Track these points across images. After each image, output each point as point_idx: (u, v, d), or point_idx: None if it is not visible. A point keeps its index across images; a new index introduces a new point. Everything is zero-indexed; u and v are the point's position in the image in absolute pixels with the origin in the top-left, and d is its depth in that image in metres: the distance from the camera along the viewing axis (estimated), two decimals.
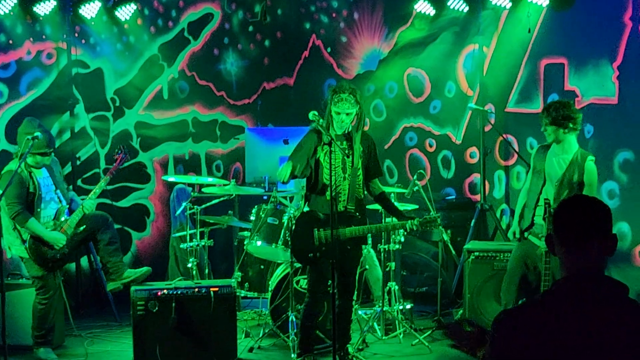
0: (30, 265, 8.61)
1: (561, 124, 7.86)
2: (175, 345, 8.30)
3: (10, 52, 10.98)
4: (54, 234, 8.53)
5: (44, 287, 8.64)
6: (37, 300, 8.70)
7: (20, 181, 8.33)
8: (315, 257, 7.76)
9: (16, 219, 8.34)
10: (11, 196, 8.28)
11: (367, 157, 7.87)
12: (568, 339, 3.18)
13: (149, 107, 12.15)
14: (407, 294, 10.76)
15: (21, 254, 8.60)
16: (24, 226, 8.35)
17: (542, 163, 8.08)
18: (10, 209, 8.31)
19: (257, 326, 9.72)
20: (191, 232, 9.85)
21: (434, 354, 8.75)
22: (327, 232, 7.66)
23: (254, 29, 12.33)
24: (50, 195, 8.66)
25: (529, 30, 10.49)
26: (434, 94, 11.64)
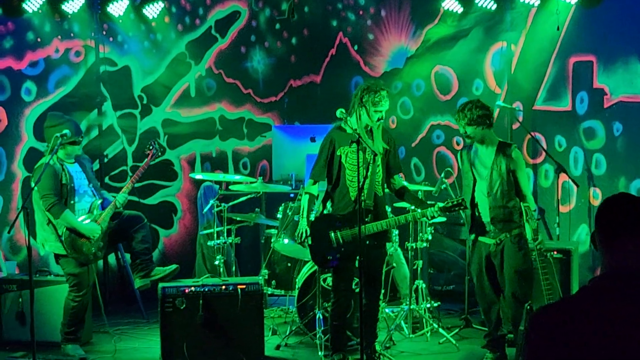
0: (65, 262, 8.64)
1: (481, 123, 7.87)
2: (203, 342, 8.31)
3: (38, 50, 11.03)
4: (89, 224, 8.57)
5: (78, 284, 8.66)
6: (70, 297, 8.72)
7: (53, 173, 8.38)
8: (335, 258, 7.76)
9: (51, 210, 8.37)
10: (46, 188, 8.33)
11: (388, 154, 7.85)
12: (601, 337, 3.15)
13: (176, 105, 12.18)
14: (434, 292, 10.74)
15: (56, 250, 8.63)
16: (60, 218, 8.38)
17: (468, 164, 8.08)
18: (45, 201, 8.36)
19: (284, 324, 9.72)
20: (218, 230, 9.86)
21: (461, 352, 8.73)
22: (344, 232, 7.70)
23: (281, 26, 12.32)
24: (83, 188, 8.70)
25: (557, 28, 10.45)
26: (461, 91, 11.58)
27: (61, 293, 8.94)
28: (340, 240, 7.72)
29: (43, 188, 8.34)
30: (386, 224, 7.70)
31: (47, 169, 8.30)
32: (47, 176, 8.32)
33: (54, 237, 8.53)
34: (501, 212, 7.80)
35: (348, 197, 7.77)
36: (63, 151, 8.53)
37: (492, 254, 7.90)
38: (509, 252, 7.80)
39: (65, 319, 8.76)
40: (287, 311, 10.12)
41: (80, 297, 8.69)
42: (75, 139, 8.56)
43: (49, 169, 8.34)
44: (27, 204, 7.71)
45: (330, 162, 7.86)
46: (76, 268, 8.61)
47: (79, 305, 8.70)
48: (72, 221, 8.46)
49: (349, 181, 7.74)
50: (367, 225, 7.62)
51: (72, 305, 8.70)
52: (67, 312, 8.74)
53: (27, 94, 10.93)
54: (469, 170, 8.04)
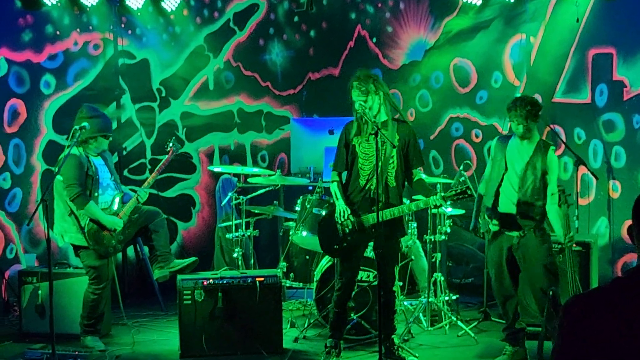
0: (85, 254, 8.68)
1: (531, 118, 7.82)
2: (221, 334, 8.35)
3: (57, 43, 11.05)
4: (112, 217, 8.64)
5: (98, 277, 8.69)
6: (89, 290, 8.75)
7: (78, 163, 8.44)
8: (342, 247, 7.80)
9: (75, 201, 8.41)
10: (71, 178, 8.39)
11: (404, 146, 7.79)
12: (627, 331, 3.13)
13: (195, 98, 12.20)
14: (453, 285, 10.72)
15: (76, 242, 8.66)
16: (84, 208, 8.43)
17: (503, 153, 8.02)
18: (69, 191, 8.40)
19: (302, 316, 9.73)
20: (237, 223, 9.87)
21: (479, 345, 8.71)
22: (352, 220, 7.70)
23: (300, 19, 12.32)
24: (106, 181, 8.76)
25: (577, 19, 10.40)
26: (480, 84, 11.55)
27: (80, 285, 8.97)
28: (346, 230, 7.73)
29: (68, 178, 8.39)
30: (390, 213, 7.62)
31: (73, 159, 8.39)
32: (72, 166, 8.39)
33: (75, 229, 8.56)
34: (528, 209, 7.76)
35: (358, 185, 7.78)
36: (95, 143, 8.61)
37: (514, 246, 7.88)
38: (533, 245, 7.77)
39: (84, 312, 8.79)
40: (306, 304, 10.12)
41: (100, 290, 8.72)
42: (104, 134, 8.67)
43: (75, 159, 8.41)
44: (46, 195, 7.72)
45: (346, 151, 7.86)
46: (96, 260, 8.65)
47: (98, 298, 8.73)
48: (96, 213, 8.51)
49: (361, 169, 7.74)
50: (370, 215, 7.65)
51: (92, 298, 8.73)
52: (86, 304, 8.78)
53: (46, 87, 10.95)
54: (502, 160, 8.00)
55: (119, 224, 8.67)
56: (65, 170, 8.37)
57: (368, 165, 7.69)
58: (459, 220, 11.02)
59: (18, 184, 10.65)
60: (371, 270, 8.60)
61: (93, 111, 8.73)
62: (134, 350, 8.75)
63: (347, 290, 7.95)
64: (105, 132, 8.70)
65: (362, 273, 8.55)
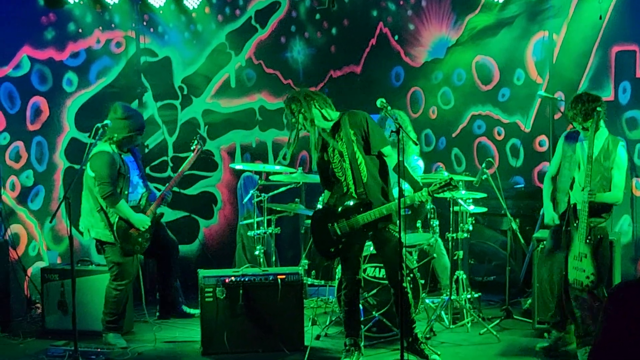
0: (110, 251, 8.72)
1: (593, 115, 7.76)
2: (242, 332, 8.36)
3: (80, 40, 11.09)
4: (140, 216, 8.69)
5: (120, 273, 8.73)
6: (112, 286, 8.78)
7: (111, 161, 8.49)
8: (338, 249, 7.83)
9: (107, 199, 8.47)
10: (104, 176, 8.44)
11: (363, 135, 7.75)
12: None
13: (217, 96, 12.23)
14: (475, 282, 10.68)
15: (102, 238, 8.70)
16: (115, 207, 8.47)
17: (573, 149, 7.98)
18: (101, 189, 8.45)
19: (324, 314, 9.72)
20: (258, 220, 9.88)
21: (502, 343, 8.67)
22: (341, 224, 7.75)
23: (321, 16, 12.30)
24: (136, 179, 8.81)
25: (600, 17, 10.34)
26: (502, 81, 11.50)
27: (103, 282, 9.00)
28: (338, 232, 7.76)
29: (100, 176, 8.45)
30: (378, 212, 7.64)
31: (106, 156, 8.48)
32: (105, 164, 8.46)
33: (102, 225, 8.60)
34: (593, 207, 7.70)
35: (341, 191, 7.84)
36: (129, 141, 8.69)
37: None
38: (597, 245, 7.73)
39: (106, 308, 8.82)
40: (327, 301, 10.12)
41: (122, 287, 8.75)
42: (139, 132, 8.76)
43: (107, 157, 8.48)
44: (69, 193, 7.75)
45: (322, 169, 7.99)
46: (121, 257, 8.68)
47: (120, 294, 8.76)
48: (126, 211, 8.56)
49: (338, 175, 7.83)
50: (360, 216, 7.68)
51: (114, 294, 8.76)
52: (108, 301, 8.81)
53: (68, 85, 11.00)
54: (572, 155, 7.99)
55: (146, 222, 8.72)
56: (97, 167, 8.45)
57: (339, 171, 7.78)
58: (481, 218, 11.00)
59: (41, 182, 10.69)
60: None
61: (128, 111, 8.78)
62: (155, 348, 8.77)
63: (353, 287, 7.97)
64: (140, 130, 8.78)
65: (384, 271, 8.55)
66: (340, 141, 7.71)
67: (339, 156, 7.73)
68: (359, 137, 7.72)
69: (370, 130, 7.75)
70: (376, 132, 7.79)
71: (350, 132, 7.72)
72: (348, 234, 7.77)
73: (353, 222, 7.71)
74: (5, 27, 10.30)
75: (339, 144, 7.71)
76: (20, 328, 9.35)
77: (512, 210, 10.60)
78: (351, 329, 8.01)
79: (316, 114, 7.73)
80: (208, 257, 11.94)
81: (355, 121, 7.79)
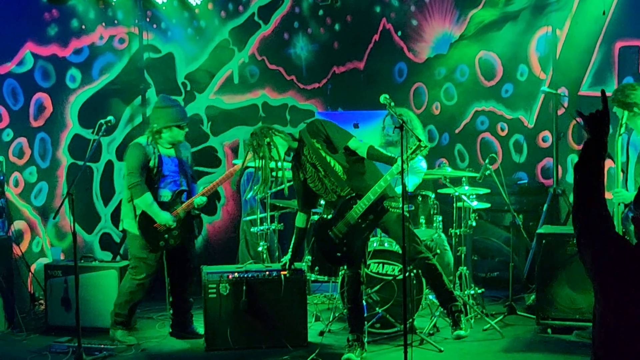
0: (132, 242, 8.71)
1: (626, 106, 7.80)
2: (246, 328, 8.37)
3: (83, 37, 11.09)
4: (164, 213, 8.58)
5: (137, 267, 8.68)
6: (128, 277, 8.75)
7: (143, 154, 8.50)
8: (343, 252, 7.90)
9: (133, 189, 8.48)
10: (132, 167, 8.47)
11: (324, 141, 7.83)
12: None
13: (220, 92, 12.23)
14: (478, 278, 10.69)
15: (129, 228, 8.69)
16: (139, 198, 8.47)
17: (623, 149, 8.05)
18: (128, 179, 8.49)
19: (328, 310, 9.72)
20: (262, 216, 9.88)
21: (505, 339, 8.67)
22: (339, 226, 7.83)
23: (324, 12, 12.29)
24: (172, 176, 8.73)
25: (603, 12, 10.33)
26: (505, 77, 11.49)
27: (106, 279, 9.04)
28: (339, 235, 7.83)
29: (129, 166, 8.50)
30: (367, 199, 7.66)
31: (137, 148, 8.51)
32: (135, 156, 8.49)
33: (132, 215, 8.62)
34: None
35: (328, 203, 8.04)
36: (169, 133, 8.62)
37: None
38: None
39: (119, 299, 8.78)
40: (331, 297, 10.12)
41: (137, 280, 8.69)
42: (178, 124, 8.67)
43: (139, 149, 8.51)
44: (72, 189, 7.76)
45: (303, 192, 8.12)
46: (141, 251, 8.65)
47: (135, 288, 8.71)
48: (148, 205, 8.52)
49: (320, 192, 7.98)
50: (352, 210, 7.74)
51: (127, 286, 8.72)
52: (122, 292, 8.77)
53: (71, 81, 11.00)
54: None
55: (170, 221, 8.60)
56: (127, 158, 8.55)
57: (318, 184, 7.90)
58: (484, 214, 11.00)
59: (44, 178, 10.69)
60: (394, 263, 8.60)
61: (167, 101, 8.80)
62: (159, 344, 8.78)
63: (355, 284, 8.00)
64: (179, 122, 8.66)
65: (387, 267, 8.58)
66: (309, 155, 7.81)
67: (313, 169, 7.83)
68: (322, 143, 7.82)
69: (329, 132, 7.84)
70: (335, 131, 7.89)
71: (313, 141, 7.82)
72: (347, 232, 7.81)
73: (348, 219, 7.76)
74: (8, 23, 10.30)
75: (308, 157, 7.82)
76: (24, 324, 9.35)
77: (516, 206, 10.59)
78: (355, 324, 8.03)
79: (278, 140, 7.86)
80: (211, 253, 11.94)
81: (312, 130, 7.90)
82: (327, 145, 7.81)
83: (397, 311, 8.49)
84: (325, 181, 7.82)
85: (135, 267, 8.71)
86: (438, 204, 9.54)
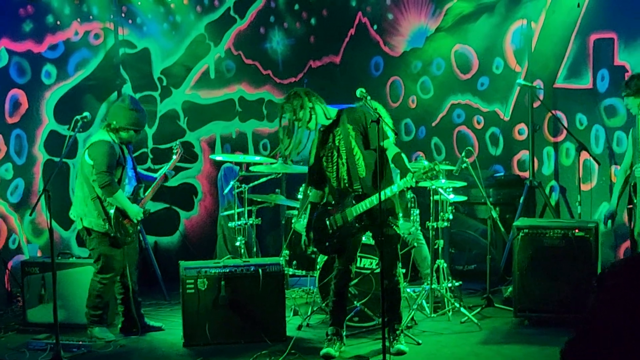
0: (100, 241, 8.65)
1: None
2: (224, 323, 8.37)
3: (58, 33, 11.04)
4: (135, 207, 8.68)
5: (106, 266, 8.66)
6: (96, 279, 8.71)
7: (112, 151, 8.48)
8: (333, 244, 7.88)
9: (105, 188, 8.43)
10: (102, 164, 8.41)
11: (362, 130, 7.79)
12: None
13: (196, 87, 12.21)
14: (456, 271, 10.72)
15: (94, 227, 8.61)
16: (112, 196, 8.45)
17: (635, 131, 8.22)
18: (100, 178, 8.41)
19: (306, 304, 9.74)
20: (239, 211, 9.87)
21: (483, 331, 8.71)
22: (336, 217, 7.81)
23: (300, 7, 12.29)
24: (132, 172, 8.79)
25: (578, 5, 10.38)
26: (481, 70, 11.53)
27: (83, 275, 8.99)
28: (334, 226, 7.81)
29: (99, 164, 8.42)
30: (369, 202, 7.66)
31: (105, 145, 8.46)
32: (104, 153, 8.43)
33: (96, 214, 8.55)
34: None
35: (332, 187, 7.91)
36: (126, 134, 8.65)
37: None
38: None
39: (90, 302, 8.75)
40: (309, 292, 10.14)
41: (106, 280, 8.68)
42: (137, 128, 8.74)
43: (107, 146, 8.46)
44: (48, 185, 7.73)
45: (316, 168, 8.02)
46: (109, 249, 8.63)
47: (104, 288, 8.69)
48: (123, 201, 8.54)
49: (328, 172, 7.88)
50: (352, 208, 7.73)
51: (98, 287, 8.70)
52: (91, 294, 8.75)
53: (47, 77, 10.95)
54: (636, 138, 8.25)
55: (140, 214, 8.70)
56: (96, 156, 8.44)
57: (332, 167, 7.84)
58: (461, 207, 11.04)
59: (20, 175, 10.63)
60: (373, 257, 8.61)
61: (136, 104, 8.80)
62: (137, 339, 8.76)
63: (344, 278, 7.99)
64: (139, 128, 8.75)
65: (365, 260, 8.59)
66: (338, 137, 7.74)
67: (335, 152, 7.77)
68: (357, 133, 7.75)
69: (369, 125, 7.77)
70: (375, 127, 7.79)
71: (349, 127, 7.75)
72: (341, 227, 7.80)
73: (346, 214, 7.75)
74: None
75: (337, 139, 7.74)
76: (1, 322, 9.32)
77: (492, 199, 10.66)
78: (336, 318, 8.02)
79: (319, 110, 7.78)
80: (189, 248, 11.92)
81: (354, 117, 7.83)
82: (362, 137, 7.77)
83: (375, 304, 8.51)
84: (341, 168, 7.76)
85: (103, 267, 8.67)
86: (415, 198, 9.57)
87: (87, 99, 11.24)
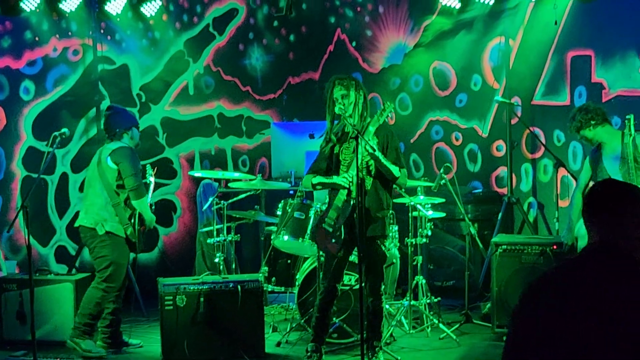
0: (117, 247, 8.60)
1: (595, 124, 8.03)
2: (203, 340, 8.33)
3: (36, 49, 11.05)
4: (151, 214, 8.75)
5: (114, 274, 8.56)
6: (101, 287, 8.54)
7: (137, 157, 8.61)
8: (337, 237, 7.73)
9: (135, 191, 8.47)
10: (132, 167, 8.48)
11: (383, 149, 7.71)
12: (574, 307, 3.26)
13: (175, 103, 12.21)
14: (434, 287, 10.74)
15: (115, 231, 8.56)
16: (140, 199, 8.49)
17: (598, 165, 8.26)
18: (130, 181, 8.45)
19: (285, 320, 9.73)
20: (218, 227, 9.86)
21: (462, 347, 8.73)
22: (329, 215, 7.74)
23: (279, 23, 12.30)
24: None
25: (555, 22, 10.45)
26: (460, 87, 11.59)
27: (62, 292, 8.95)
28: (332, 222, 7.73)
29: (128, 168, 8.44)
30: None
31: (129, 150, 8.55)
32: (130, 157, 8.50)
33: (117, 219, 8.54)
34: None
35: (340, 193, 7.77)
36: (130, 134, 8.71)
37: None
38: None
39: (86, 310, 8.57)
40: (288, 308, 10.13)
41: (111, 289, 8.57)
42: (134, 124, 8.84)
43: (131, 151, 8.56)
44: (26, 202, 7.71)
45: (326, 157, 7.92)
46: (122, 257, 8.62)
47: (106, 297, 8.59)
48: (146, 206, 8.61)
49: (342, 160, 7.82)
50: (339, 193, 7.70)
51: (100, 294, 8.55)
52: (91, 302, 8.57)
53: (25, 93, 10.95)
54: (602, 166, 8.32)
55: (154, 221, 8.78)
56: (123, 160, 8.45)
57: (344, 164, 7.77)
58: (440, 223, 11.06)
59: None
60: (353, 274, 8.60)
61: (118, 106, 8.92)
62: (116, 357, 8.72)
63: (330, 295, 7.92)
64: (135, 122, 8.83)
65: (345, 277, 8.57)
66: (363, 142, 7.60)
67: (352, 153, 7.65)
68: (379, 149, 7.65)
69: (390, 147, 7.77)
70: (393, 151, 7.80)
71: (375, 139, 7.64)
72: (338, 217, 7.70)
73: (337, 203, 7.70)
74: None
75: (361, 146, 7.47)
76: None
77: (471, 215, 10.69)
78: (317, 334, 7.99)
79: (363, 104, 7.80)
80: (168, 265, 11.90)
81: (381, 133, 7.76)
82: (380, 148, 7.69)
83: (354, 321, 8.50)
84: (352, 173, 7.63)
85: (110, 274, 8.56)
86: (394, 214, 9.57)
87: (65, 115, 11.24)
